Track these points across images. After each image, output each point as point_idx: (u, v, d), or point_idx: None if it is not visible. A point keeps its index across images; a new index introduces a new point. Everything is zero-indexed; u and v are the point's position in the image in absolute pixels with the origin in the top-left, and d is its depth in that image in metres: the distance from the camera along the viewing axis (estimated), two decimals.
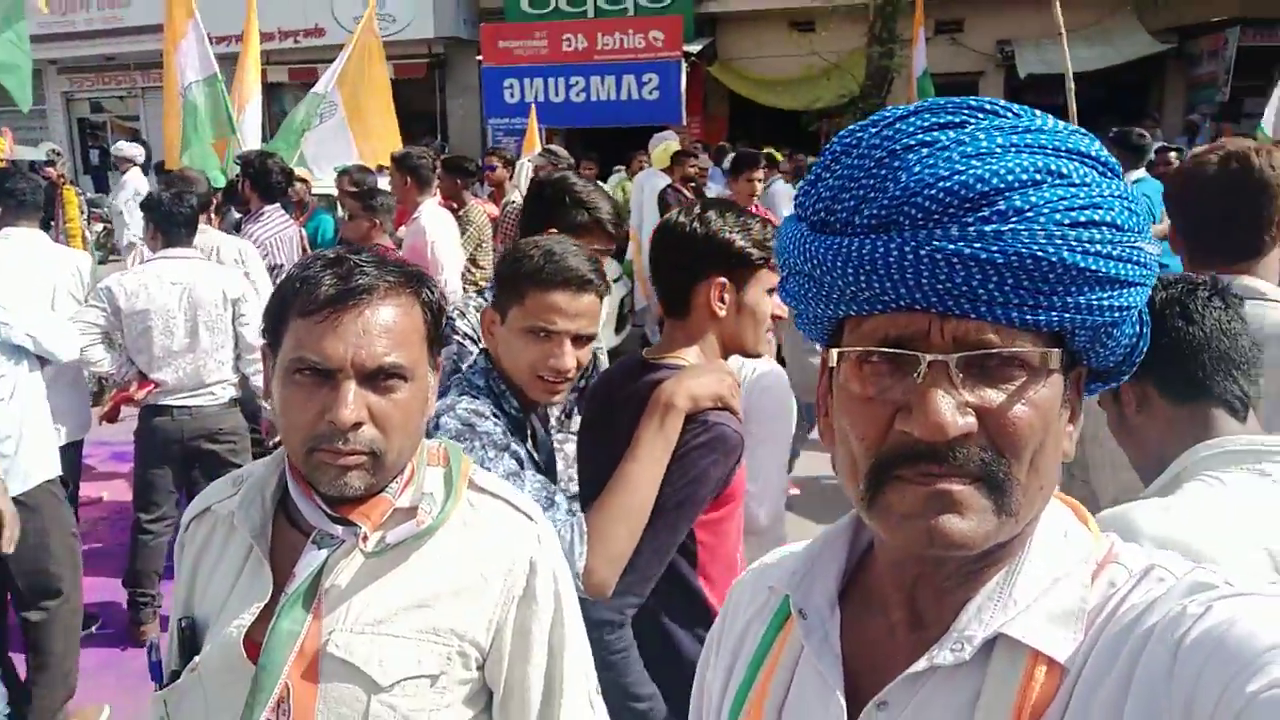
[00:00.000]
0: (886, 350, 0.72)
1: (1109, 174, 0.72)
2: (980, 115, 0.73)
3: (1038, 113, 0.74)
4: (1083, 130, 0.74)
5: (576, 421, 2.34)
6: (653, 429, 1.68)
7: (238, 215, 6.07)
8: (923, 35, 9.72)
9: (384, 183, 6.01)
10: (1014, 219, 0.68)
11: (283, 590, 1.22)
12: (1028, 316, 0.70)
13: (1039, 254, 0.68)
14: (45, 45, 18.22)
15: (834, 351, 0.77)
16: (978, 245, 0.68)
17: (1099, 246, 0.69)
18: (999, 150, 0.70)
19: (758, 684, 0.88)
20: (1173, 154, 7.51)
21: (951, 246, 0.68)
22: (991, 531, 0.71)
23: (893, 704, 0.76)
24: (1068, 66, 5.83)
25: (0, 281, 3.44)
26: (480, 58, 14.34)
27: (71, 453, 4.00)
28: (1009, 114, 0.73)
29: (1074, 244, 0.68)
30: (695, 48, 14.17)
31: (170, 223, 4.03)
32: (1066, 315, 0.70)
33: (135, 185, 9.10)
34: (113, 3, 18.51)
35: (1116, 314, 0.72)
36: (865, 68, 13.56)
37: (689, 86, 14.12)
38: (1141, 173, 6.53)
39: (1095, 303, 0.71)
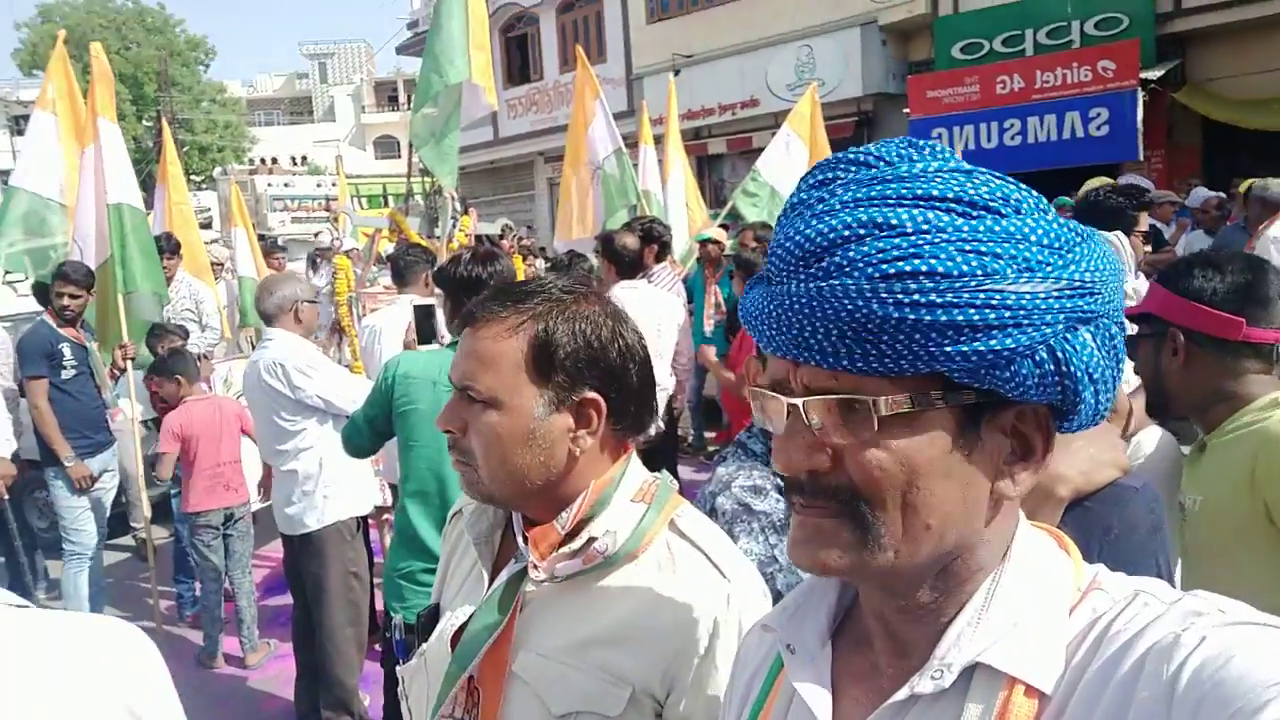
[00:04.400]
0: (760, 390, 0.77)
1: (974, 214, 0.70)
2: (849, 170, 0.75)
3: (920, 156, 0.74)
4: (969, 169, 0.73)
5: None
6: None
7: None
8: None
9: None
10: (835, 275, 0.70)
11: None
12: (859, 364, 0.70)
13: (850, 307, 0.69)
14: (535, 140, 21.59)
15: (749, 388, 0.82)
16: (803, 300, 0.71)
17: (915, 296, 0.68)
18: (837, 208, 0.72)
19: None
20: None
21: (789, 300, 0.72)
22: (859, 564, 0.73)
23: None
24: None
25: (386, 338, 4.12)
26: (907, 110, 14.02)
27: None
28: (881, 164, 0.74)
29: (884, 295, 0.68)
30: (1156, 74, 12.42)
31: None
32: (904, 364, 0.69)
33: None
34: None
35: (986, 359, 0.69)
36: None
37: (1147, 118, 12.39)
38: None
39: (944, 351, 0.69)
